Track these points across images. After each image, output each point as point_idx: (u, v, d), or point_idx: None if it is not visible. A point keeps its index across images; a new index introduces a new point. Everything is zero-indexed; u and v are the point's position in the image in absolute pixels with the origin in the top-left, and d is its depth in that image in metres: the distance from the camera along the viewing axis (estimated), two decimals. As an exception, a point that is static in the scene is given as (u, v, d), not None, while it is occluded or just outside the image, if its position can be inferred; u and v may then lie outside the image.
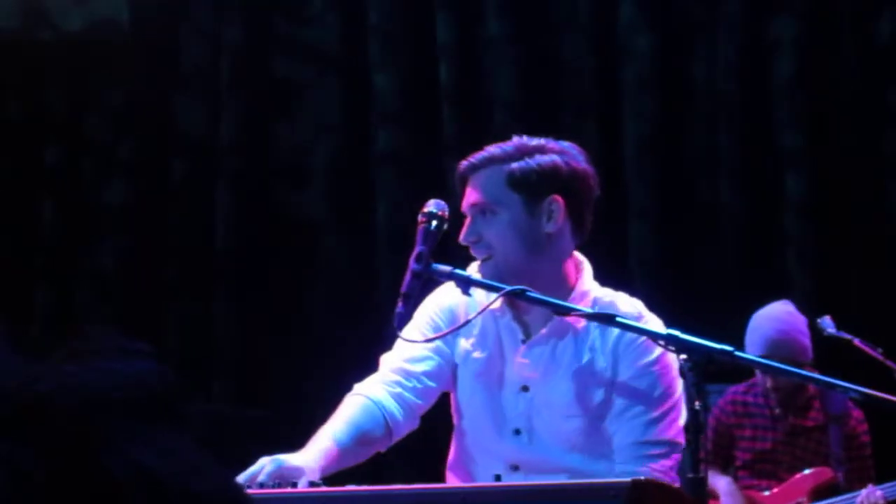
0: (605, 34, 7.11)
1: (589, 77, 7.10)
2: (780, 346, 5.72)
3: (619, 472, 3.32)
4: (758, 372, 5.98)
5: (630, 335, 3.39)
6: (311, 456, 3.22)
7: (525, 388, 3.45)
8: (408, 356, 3.52)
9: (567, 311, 3.31)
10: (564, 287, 3.44)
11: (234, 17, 7.25)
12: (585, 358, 3.42)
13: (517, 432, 3.45)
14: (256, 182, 7.12)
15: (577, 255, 3.53)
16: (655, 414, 3.39)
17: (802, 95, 6.87)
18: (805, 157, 6.86)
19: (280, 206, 7.12)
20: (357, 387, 3.51)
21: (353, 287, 6.91)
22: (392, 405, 3.47)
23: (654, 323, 3.43)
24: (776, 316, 5.85)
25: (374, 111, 7.13)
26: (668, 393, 3.41)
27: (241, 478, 3.08)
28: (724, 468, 6.05)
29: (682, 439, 3.39)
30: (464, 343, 3.51)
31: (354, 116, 7.15)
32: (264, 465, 3.11)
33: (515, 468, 3.44)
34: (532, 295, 3.30)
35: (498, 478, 2.97)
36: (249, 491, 3.04)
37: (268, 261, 7.03)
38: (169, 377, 0.80)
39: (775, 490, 5.90)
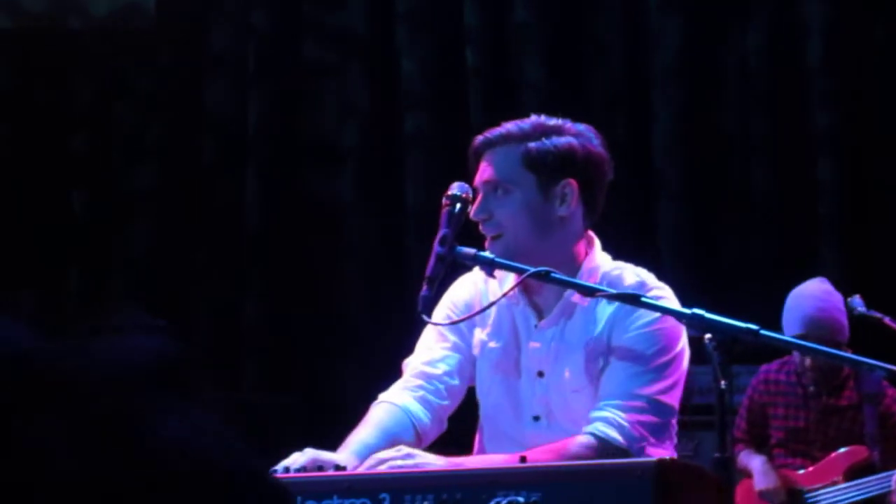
0: (635, 17, 7.09)
1: (618, 60, 7.09)
2: (819, 325, 5.70)
3: (590, 418, 3.29)
4: (794, 351, 5.97)
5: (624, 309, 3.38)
6: (344, 457, 3.23)
7: (541, 374, 3.44)
8: (427, 359, 3.52)
9: (592, 292, 3.30)
10: (573, 265, 3.43)
11: (262, 1, 7.26)
12: (591, 331, 3.40)
13: (536, 419, 3.44)
14: (285, 166, 7.14)
15: (588, 232, 3.51)
16: (641, 369, 3.33)
17: (834, 77, 6.85)
18: (837, 138, 6.84)
19: (309, 190, 7.14)
20: (382, 395, 3.51)
21: (382, 270, 6.92)
22: (419, 410, 3.47)
23: (663, 293, 3.40)
24: (815, 294, 5.82)
25: (401, 95, 7.13)
26: (660, 353, 3.35)
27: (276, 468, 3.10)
28: (759, 447, 6.04)
29: (669, 401, 3.35)
30: (479, 334, 3.50)
31: (382, 100, 7.16)
32: (297, 458, 3.12)
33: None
34: (556, 276, 3.29)
35: (523, 459, 2.97)
36: (279, 475, 3.06)
37: (297, 244, 7.05)
38: (188, 352, 0.81)
39: (810, 469, 5.89)
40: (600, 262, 3.47)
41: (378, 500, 2.88)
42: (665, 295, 3.40)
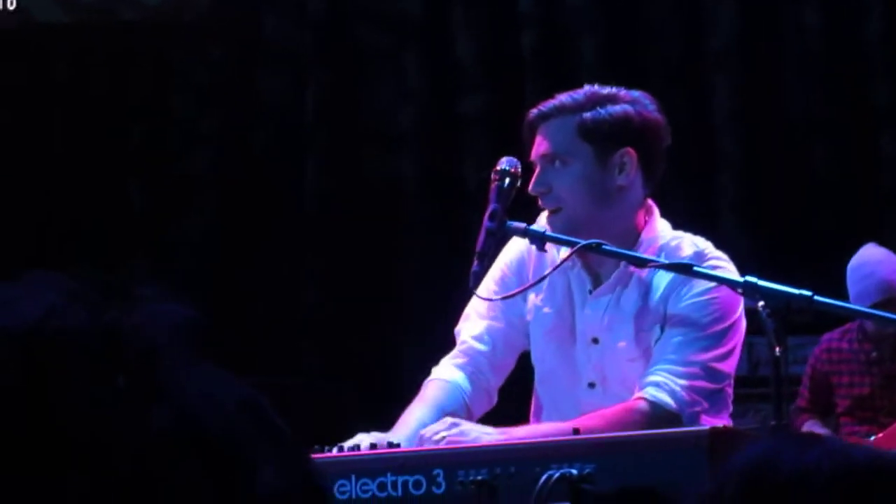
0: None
1: (675, 39, 7.04)
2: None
3: (642, 383, 3.27)
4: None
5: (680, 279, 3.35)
6: (402, 433, 3.24)
7: (595, 340, 3.42)
8: (475, 332, 3.51)
9: (644, 263, 3.28)
10: (632, 235, 3.41)
11: (315, -13, 7.28)
12: (647, 300, 3.38)
13: (591, 385, 3.42)
14: (343, 150, 7.15)
15: (647, 201, 3.49)
16: (695, 336, 3.30)
17: (894, 50, 6.78)
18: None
19: (367, 173, 7.15)
20: (435, 371, 3.51)
21: (442, 251, 6.93)
22: (468, 386, 3.47)
23: (720, 262, 3.38)
24: (882, 259, 5.76)
25: (457, 77, 7.13)
26: (715, 321, 3.32)
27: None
28: (825, 416, 5.99)
29: (724, 369, 3.32)
30: (533, 299, 3.48)
31: (438, 83, 7.16)
32: (363, 439, 3.14)
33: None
34: (607, 248, 3.28)
35: (576, 431, 2.96)
36: (332, 453, 3.06)
37: (356, 227, 7.07)
38: (205, 319, 0.83)
39: (879, 435, 5.83)
40: (659, 231, 3.44)
41: (432, 476, 2.89)
42: (723, 265, 3.38)
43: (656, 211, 3.47)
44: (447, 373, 3.48)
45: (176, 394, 0.76)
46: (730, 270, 3.36)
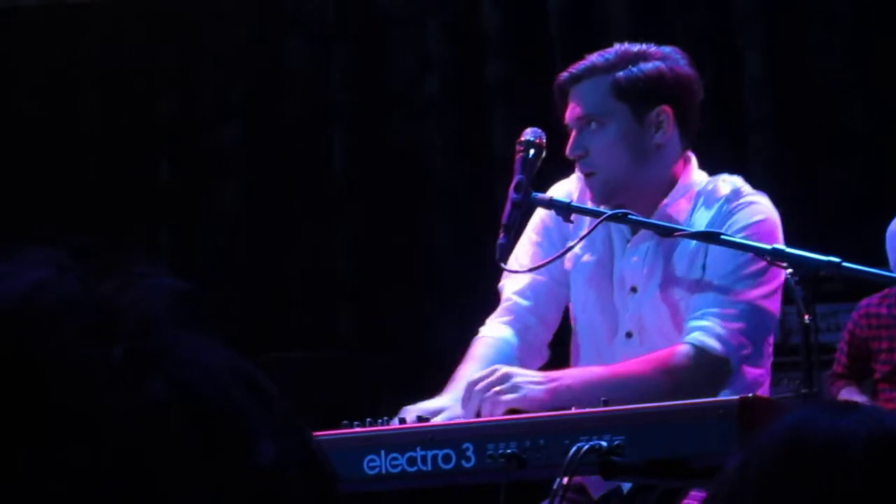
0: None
1: (703, 4, 7.00)
2: None
3: (687, 327, 3.25)
4: None
5: (727, 207, 3.34)
6: (453, 395, 3.23)
7: (634, 289, 3.39)
8: (517, 289, 3.50)
9: (670, 233, 3.27)
10: (670, 186, 3.39)
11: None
12: (687, 244, 3.35)
13: (629, 335, 3.40)
14: (369, 118, 7.15)
15: (686, 153, 3.46)
16: (738, 275, 3.26)
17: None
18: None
19: (394, 142, 7.15)
20: (482, 330, 3.50)
21: (472, 219, 6.92)
22: (516, 341, 3.45)
23: (757, 198, 3.37)
24: None
25: (483, 42, 7.10)
26: (755, 259, 3.29)
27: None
28: (861, 382, 5.94)
29: (769, 307, 3.29)
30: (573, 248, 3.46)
31: (464, 48, 7.13)
32: (407, 414, 3.13)
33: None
34: (634, 218, 3.27)
35: (606, 402, 2.95)
36: (360, 429, 3.06)
37: (385, 196, 7.06)
38: (201, 290, 0.83)
39: (918, 402, 5.79)
40: (695, 178, 3.43)
41: (461, 450, 2.89)
42: (760, 200, 3.39)
43: (694, 161, 3.45)
44: (494, 330, 3.46)
45: (172, 366, 0.76)
46: (766, 206, 3.38)
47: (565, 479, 2.73)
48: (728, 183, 3.41)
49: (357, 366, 6.29)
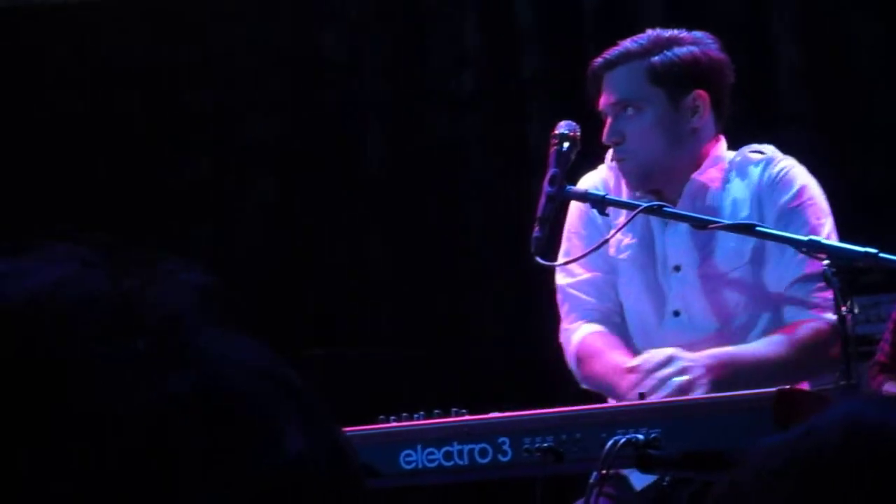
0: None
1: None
2: None
3: (787, 319, 3.26)
4: None
5: (768, 175, 3.34)
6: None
7: (677, 268, 3.38)
8: (578, 288, 3.47)
9: (704, 225, 3.26)
10: (701, 164, 3.40)
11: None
12: (734, 215, 3.34)
13: (676, 314, 3.38)
14: (406, 112, 7.15)
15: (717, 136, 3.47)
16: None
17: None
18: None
19: (431, 135, 7.15)
20: (574, 335, 3.45)
21: (507, 213, 6.91)
22: (616, 334, 3.45)
23: (789, 161, 3.39)
24: None
25: (519, 36, 7.10)
26: (819, 223, 3.30)
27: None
28: (902, 375, 5.88)
29: None
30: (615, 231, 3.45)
31: (500, 42, 7.13)
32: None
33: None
34: (669, 210, 3.26)
35: (642, 396, 2.94)
36: (396, 423, 3.06)
37: (421, 190, 7.07)
38: (227, 285, 0.83)
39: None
40: (723, 152, 3.45)
41: (497, 444, 2.89)
42: (793, 163, 3.43)
43: (723, 140, 3.46)
44: (589, 329, 3.45)
45: (197, 360, 0.76)
46: (801, 168, 3.42)
47: (601, 473, 2.72)
48: (756, 152, 3.45)
49: (393, 361, 6.29)
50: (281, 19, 7.12)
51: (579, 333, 3.45)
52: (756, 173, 3.37)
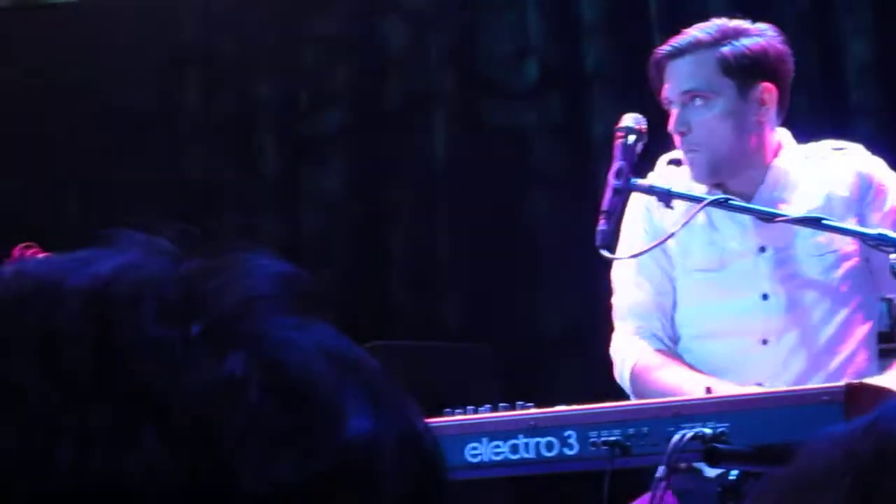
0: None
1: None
2: None
3: None
4: None
5: (861, 176, 3.31)
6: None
7: (762, 249, 3.36)
8: (641, 309, 3.44)
9: (772, 218, 3.24)
10: (762, 167, 3.38)
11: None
12: (821, 198, 3.31)
13: (765, 297, 3.35)
14: (469, 103, 7.15)
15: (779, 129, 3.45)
16: None
17: None
18: None
19: (494, 127, 7.14)
20: (639, 365, 3.41)
21: (572, 205, 6.90)
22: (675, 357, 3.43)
23: (858, 149, 3.38)
24: None
25: (582, 26, 7.08)
26: None
27: None
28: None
29: None
30: (680, 234, 3.42)
31: (562, 33, 7.11)
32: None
33: (765, 342, 3.35)
34: (736, 203, 3.24)
35: (708, 390, 2.93)
36: (463, 417, 3.06)
37: (485, 182, 7.06)
38: (306, 273, 0.84)
39: None
40: (793, 144, 3.41)
41: (563, 437, 2.88)
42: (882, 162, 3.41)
43: (788, 133, 3.44)
44: (648, 344, 3.42)
45: (256, 343, 0.75)
46: (865, 154, 3.41)
47: (668, 467, 2.71)
48: (826, 144, 3.42)
49: (459, 354, 6.29)
50: (345, 11, 7.14)
51: (637, 347, 3.42)
52: (840, 168, 3.34)
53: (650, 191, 3.30)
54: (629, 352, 3.42)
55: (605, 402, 3.00)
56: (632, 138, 3.30)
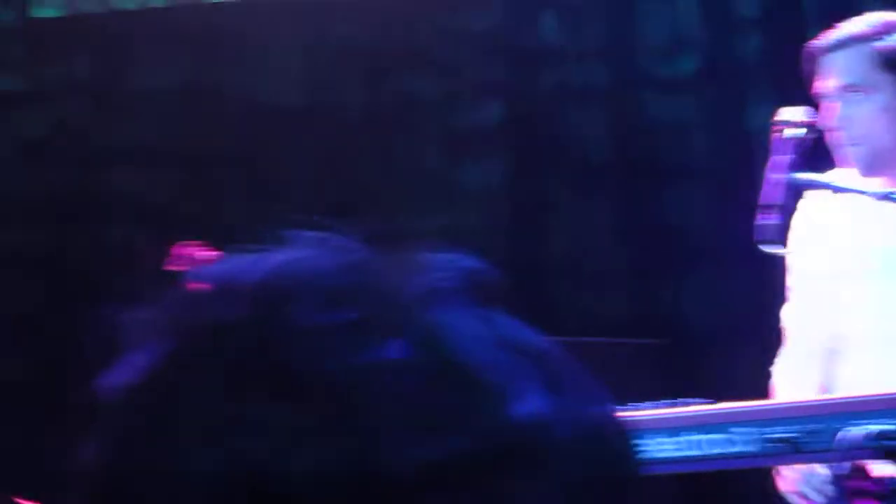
0: None
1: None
2: None
3: None
4: None
5: None
6: None
7: None
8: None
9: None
10: None
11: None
12: None
13: None
14: (625, 96, 7.12)
15: None
16: None
17: None
18: None
19: (650, 120, 7.10)
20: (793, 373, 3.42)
21: (729, 200, 6.83)
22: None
23: None
24: None
25: (739, 19, 7.01)
26: None
27: None
28: None
29: None
30: (836, 238, 3.38)
31: (718, 26, 7.05)
32: None
33: None
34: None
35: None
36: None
37: (642, 175, 7.03)
38: (491, 270, 0.86)
39: None
40: None
41: (733, 434, 2.85)
42: None
43: None
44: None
45: (422, 331, 0.77)
46: None
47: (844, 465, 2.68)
48: None
49: (621, 350, 6.27)
50: (500, 6, 7.16)
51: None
52: None
53: (810, 185, 3.27)
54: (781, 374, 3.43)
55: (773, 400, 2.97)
56: (793, 132, 3.27)
